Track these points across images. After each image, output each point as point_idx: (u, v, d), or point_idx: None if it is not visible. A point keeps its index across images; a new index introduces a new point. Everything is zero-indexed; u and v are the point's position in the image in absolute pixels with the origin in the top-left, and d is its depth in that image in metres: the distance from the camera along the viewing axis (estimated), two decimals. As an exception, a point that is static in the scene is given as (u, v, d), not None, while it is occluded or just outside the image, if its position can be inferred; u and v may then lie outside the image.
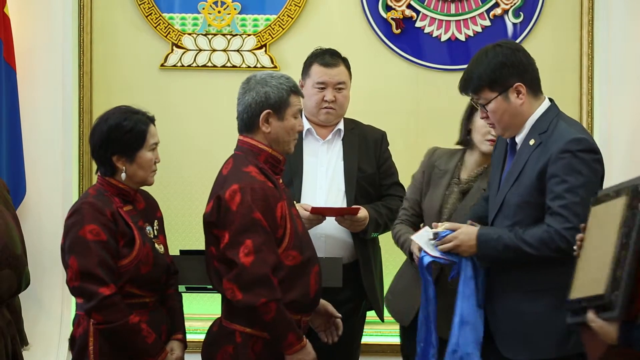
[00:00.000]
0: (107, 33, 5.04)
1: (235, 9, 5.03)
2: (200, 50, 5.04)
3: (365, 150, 3.99)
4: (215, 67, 5.04)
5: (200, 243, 3.26)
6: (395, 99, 5.02)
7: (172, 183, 4.97)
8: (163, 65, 5.04)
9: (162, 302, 3.32)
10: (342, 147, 3.98)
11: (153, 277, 3.22)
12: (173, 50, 5.04)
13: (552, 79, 4.45)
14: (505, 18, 4.99)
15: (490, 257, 3.15)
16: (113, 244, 3.13)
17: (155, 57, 5.05)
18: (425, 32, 5.01)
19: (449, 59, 5.01)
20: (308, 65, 3.97)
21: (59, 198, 4.89)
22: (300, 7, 5.00)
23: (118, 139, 3.17)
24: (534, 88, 3.20)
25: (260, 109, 3.18)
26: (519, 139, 3.20)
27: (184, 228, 4.91)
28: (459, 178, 3.70)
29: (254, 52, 5.02)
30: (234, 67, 5.02)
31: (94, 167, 3.52)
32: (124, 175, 3.20)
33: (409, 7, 4.99)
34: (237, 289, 3.06)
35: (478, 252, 3.16)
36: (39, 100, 4.90)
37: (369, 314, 4.08)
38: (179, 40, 5.04)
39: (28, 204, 4.82)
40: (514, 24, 4.99)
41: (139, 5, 5.02)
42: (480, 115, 3.25)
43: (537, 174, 3.09)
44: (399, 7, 4.98)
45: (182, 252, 3.72)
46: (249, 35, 5.02)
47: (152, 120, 3.26)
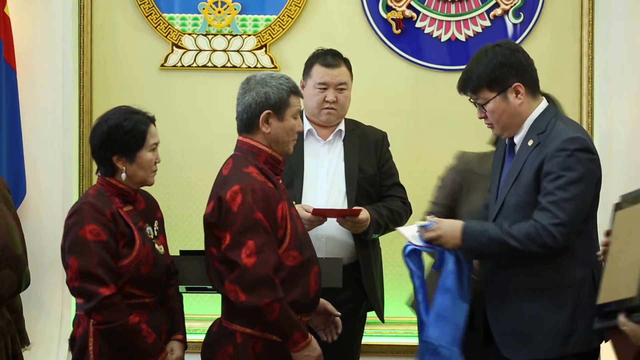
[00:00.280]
0: (107, 33, 5.04)
1: (236, 9, 5.03)
2: (201, 51, 5.04)
3: (366, 151, 3.98)
4: (216, 67, 5.04)
5: (201, 243, 3.25)
6: (395, 99, 5.02)
7: (172, 183, 4.97)
8: (163, 66, 5.04)
9: (162, 302, 3.31)
10: (343, 147, 3.96)
11: (153, 277, 3.22)
12: (173, 51, 5.04)
13: (552, 79, 4.45)
14: (505, 18, 4.99)
15: (475, 250, 3.14)
16: (113, 244, 3.12)
17: (155, 57, 5.05)
18: (426, 32, 5.01)
19: (449, 59, 5.01)
20: (309, 66, 3.96)
21: (59, 198, 4.89)
22: (301, 7, 5.00)
23: (118, 139, 3.17)
24: (533, 88, 3.20)
25: (260, 110, 3.18)
26: (518, 140, 3.21)
27: (184, 228, 4.91)
28: None
29: (254, 52, 5.02)
30: (234, 67, 5.02)
31: (94, 167, 3.52)
32: (124, 176, 3.20)
33: (409, 7, 4.99)
34: (240, 290, 3.05)
35: (462, 244, 3.14)
36: (39, 100, 4.90)
37: (369, 315, 4.07)
38: (179, 41, 5.04)
39: (28, 204, 4.82)
40: (514, 25, 4.98)
41: (139, 6, 5.02)
42: (479, 115, 3.25)
43: (534, 173, 3.09)
44: (399, 7, 4.98)
45: (182, 252, 3.71)
46: (249, 36, 5.02)
47: (152, 121, 3.25)
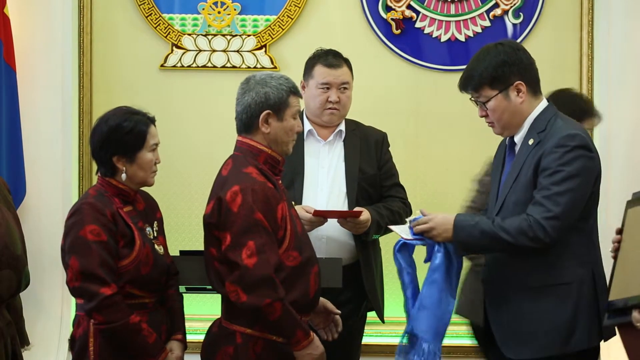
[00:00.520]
0: (107, 33, 5.05)
1: (235, 10, 5.03)
2: (200, 51, 5.04)
3: (367, 152, 3.98)
4: (215, 67, 5.04)
5: (201, 244, 3.24)
6: (395, 100, 5.02)
7: (172, 183, 4.97)
8: (163, 66, 5.05)
9: (162, 302, 3.31)
10: (343, 148, 3.96)
11: (153, 277, 3.22)
12: (173, 51, 5.04)
13: (552, 79, 4.44)
14: (505, 18, 5.00)
15: (466, 243, 3.13)
16: (113, 245, 3.12)
17: (155, 57, 5.05)
18: (425, 32, 5.01)
19: (449, 60, 5.01)
20: (311, 66, 3.94)
21: (59, 198, 4.89)
22: (300, 7, 5.00)
23: (118, 140, 3.16)
24: (534, 87, 3.20)
25: (260, 110, 3.17)
26: (518, 139, 3.20)
27: (184, 229, 4.91)
28: None
29: (254, 52, 5.02)
30: (234, 67, 5.02)
31: (94, 167, 3.51)
32: (124, 176, 3.20)
33: (409, 7, 4.99)
34: (241, 291, 3.05)
35: (454, 237, 3.13)
36: (39, 101, 4.90)
37: (370, 315, 4.07)
38: (179, 41, 5.04)
39: (28, 204, 4.82)
40: (514, 25, 4.99)
41: (139, 6, 5.03)
42: (480, 114, 3.24)
43: (532, 171, 3.09)
44: (399, 7, 4.99)
45: (182, 252, 3.71)
46: (249, 36, 5.02)
47: (152, 121, 3.25)
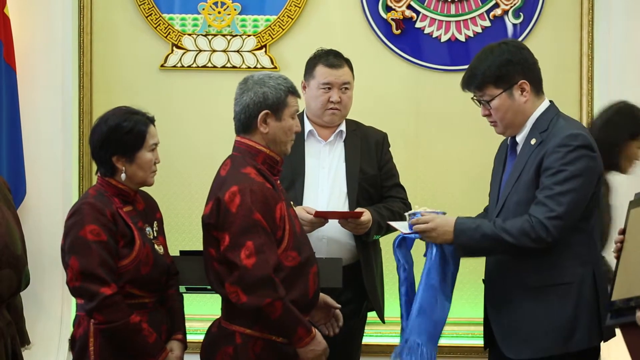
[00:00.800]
0: (107, 33, 5.05)
1: (235, 10, 5.03)
2: (200, 51, 5.04)
3: (367, 152, 3.98)
4: (216, 67, 5.04)
5: (201, 244, 3.25)
6: (395, 100, 5.02)
7: (172, 183, 4.97)
8: (163, 66, 5.05)
9: (162, 302, 3.31)
10: (344, 148, 3.96)
11: (153, 277, 3.22)
12: (173, 51, 5.04)
13: (552, 79, 4.43)
14: (505, 18, 4.99)
15: (467, 246, 3.13)
16: (113, 245, 3.12)
17: (155, 57, 5.05)
18: (425, 32, 5.01)
19: (449, 60, 5.01)
20: (312, 67, 3.94)
21: (59, 198, 4.89)
22: (300, 7, 5.00)
23: (117, 140, 3.17)
24: (537, 87, 3.20)
25: (258, 110, 3.17)
26: (520, 139, 3.21)
27: (184, 228, 4.91)
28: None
29: (254, 52, 5.02)
30: (234, 67, 5.02)
31: (94, 167, 3.52)
32: (124, 176, 3.20)
33: (409, 7, 4.99)
34: (241, 292, 3.05)
35: (455, 240, 3.13)
36: (39, 101, 4.90)
37: (370, 315, 4.07)
38: (179, 41, 5.04)
39: (28, 204, 4.82)
40: (514, 25, 4.98)
41: (139, 6, 5.02)
42: (482, 113, 3.24)
43: (534, 170, 3.09)
44: (399, 7, 4.98)
45: (182, 252, 3.71)
46: (249, 36, 5.02)
47: (151, 121, 3.25)
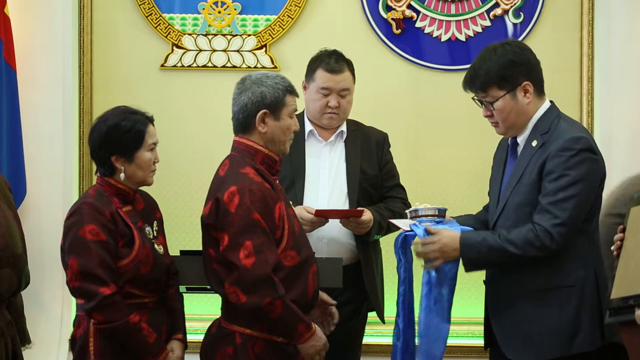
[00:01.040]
0: (107, 33, 5.04)
1: (236, 9, 5.03)
2: (201, 51, 5.03)
3: (368, 152, 3.98)
4: (216, 67, 5.03)
5: (201, 244, 3.25)
6: (396, 100, 5.01)
7: (172, 183, 4.97)
8: (163, 66, 5.04)
9: (162, 302, 3.31)
10: (344, 148, 3.96)
11: (153, 277, 3.22)
12: (173, 51, 5.04)
13: (552, 79, 4.44)
14: (506, 18, 4.99)
15: (475, 260, 3.12)
16: (112, 244, 3.12)
17: (156, 57, 5.05)
18: (426, 32, 5.00)
19: (449, 59, 5.00)
20: (313, 69, 3.92)
21: (59, 198, 4.89)
22: (301, 7, 4.99)
23: (116, 139, 3.17)
24: (539, 88, 3.20)
25: (257, 109, 3.17)
26: (521, 140, 3.20)
27: (184, 228, 4.91)
28: None
29: (254, 52, 5.01)
30: (234, 67, 5.02)
31: (94, 167, 3.52)
32: (123, 176, 3.20)
33: (409, 7, 4.98)
34: (240, 292, 3.05)
35: (462, 255, 3.12)
36: (39, 100, 4.89)
37: (370, 315, 4.08)
38: (179, 41, 5.03)
39: (28, 204, 4.82)
40: (514, 24, 4.98)
41: (139, 6, 5.02)
42: (484, 114, 3.23)
43: (537, 173, 3.08)
44: (399, 7, 4.98)
45: (182, 252, 3.71)
46: (249, 36, 5.02)
47: (150, 121, 3.25)
